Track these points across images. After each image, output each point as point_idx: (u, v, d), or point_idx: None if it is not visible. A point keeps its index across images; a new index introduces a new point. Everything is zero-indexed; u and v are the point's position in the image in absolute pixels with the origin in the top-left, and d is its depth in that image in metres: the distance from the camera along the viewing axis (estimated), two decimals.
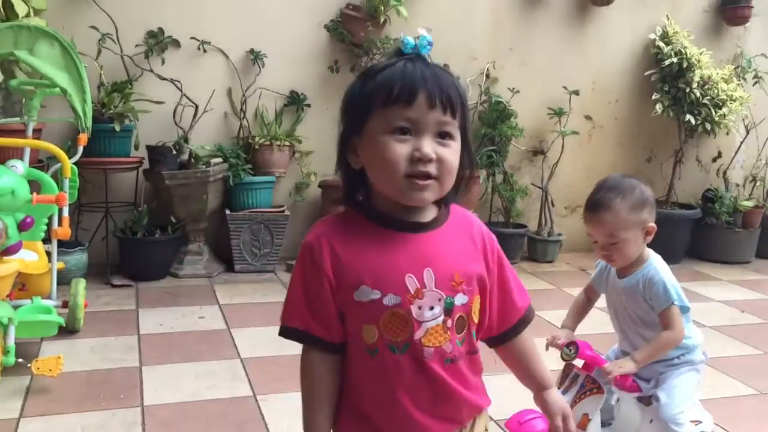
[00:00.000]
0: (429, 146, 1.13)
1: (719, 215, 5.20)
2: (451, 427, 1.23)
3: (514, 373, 1.36)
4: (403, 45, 1.18)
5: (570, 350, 2.07)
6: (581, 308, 2.23)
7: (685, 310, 2.04)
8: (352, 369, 1.20)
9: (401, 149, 1.13)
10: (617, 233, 1.98)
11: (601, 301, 2.25)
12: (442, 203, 1.24)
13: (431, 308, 1.17)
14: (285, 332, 1.22)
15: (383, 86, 1.14)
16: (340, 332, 1.19)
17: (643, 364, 2.03)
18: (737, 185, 5.48)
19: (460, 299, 1.19)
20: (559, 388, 2.14)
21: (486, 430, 1.33)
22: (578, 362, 2.11)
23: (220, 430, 2.46)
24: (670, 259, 2.10)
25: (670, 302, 2.00)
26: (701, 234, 5.25)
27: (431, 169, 1.14)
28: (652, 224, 2.02)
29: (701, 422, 2.14)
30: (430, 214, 1.22)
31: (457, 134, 1.18)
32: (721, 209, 5.20)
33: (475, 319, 1.24)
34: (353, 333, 1.18)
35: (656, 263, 2.06)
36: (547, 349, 2.12)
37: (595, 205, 2.01)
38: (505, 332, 1.31)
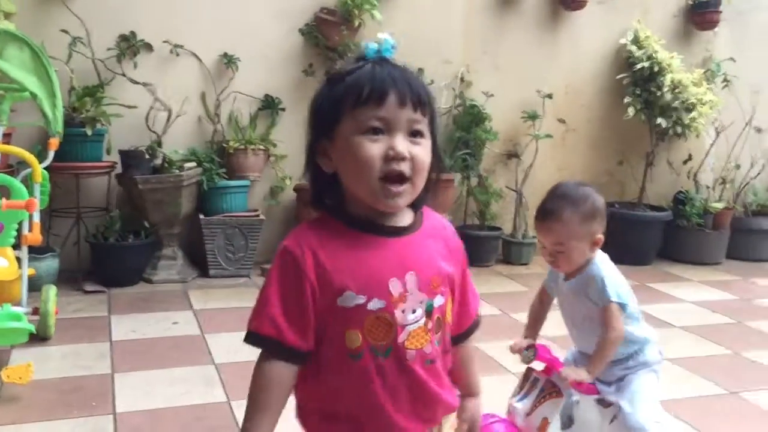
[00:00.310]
0: (402, 144, 1.15)
1: (690, 217, 5.27)
2: (426, 427, 1.25)
3: (452, 373, 1.35)
4: (366, 50, 1.20)
5: (529, 353, 2.08)
6: (537, 314, 2.24)
7: (623, 307, 2.02)
8: (329, 374, 1.19)
9: (375, 149, 1.14)
10: (566, 242, 2.00)
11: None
12: (416, 207, 1.25)
13: (414, 311, 1.18)
14: (253, 339, 1.19)
15: (353, 88, 1.15)
16: (312, 341, 1.18)
17: (597, 371, 2.04)
18: (708, 187, 5.56)
19: (438, 301, 1.22)
20: (519, 392, 2.16)
21: (452, 428, 1.35)
22: (538, 366, 2.12)
23: None
24: (641, 260, 2.12)
25: (608, 300, 2.00)
26: (672, 235, 5.31)
27: (405, 168, 1.15)
28: (601, 236, 2.03)
29: (659, 422, 2.16)
30: (407, 218, 1.24)
31: (428, 133, 1.19)
32: (691, 211, 5.27)
33: (449, 320, 1.27)
34: (334, 339, 1.17)
35: (599, 262, 2.06)
36: (512, 353, 2.13)
37: (546, 213, 2.02)
38: (458, 335, 1.34)
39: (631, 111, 5.02)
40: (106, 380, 2.88)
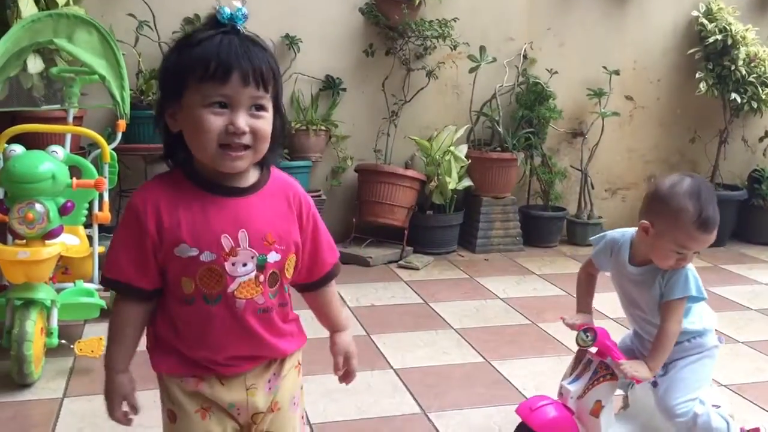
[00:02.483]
0: (242, 120, 1.24)
1: (766, 196, 5.06)
2: (255, 364, 1.38)
3: (315, 315, 1.53)
4: (219, 15, 1.26)
5: (587, 336, 2.03)
6: (587, 288, 2.19)
7: (698, 300, 1.98)
8: (170, 313, 1.34)
9: (216, 122, 1.23)
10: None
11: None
12: (263, 166, 1.36)
13: (244, 264, 1.30)
14: (105, 282, 1.34)
15: (199, 62, 1.23)
16: (158, 281, 1.32)
17: (658, 367, 1.99)
18: None
19: (272, 257, 1.32)
20: (571, 374, 2.11)
21: (297, 366, 1.47)
22: (592, 348, 2.07)
23: None
24: (714, 241, 2.03)
25: (686, 294, 1.94)
26: (747, 216, 5.11)
27: (245, 140, 1.26)
28: None
29: (720, 406, 2.08)
30: (250, 179, 1.34)
31: (270, 105, 1.29)
32: None
33: (288, 275, 1.38)
34: (172, 284, 1.31)
35: None
36: (567, 326, 2.11)
37: (712, 222, 1.92)
38: (312, 282, 1.47)
39: (703, 86, 4.83)
40: None
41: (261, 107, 1.27)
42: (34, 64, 3.50)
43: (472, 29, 4.70)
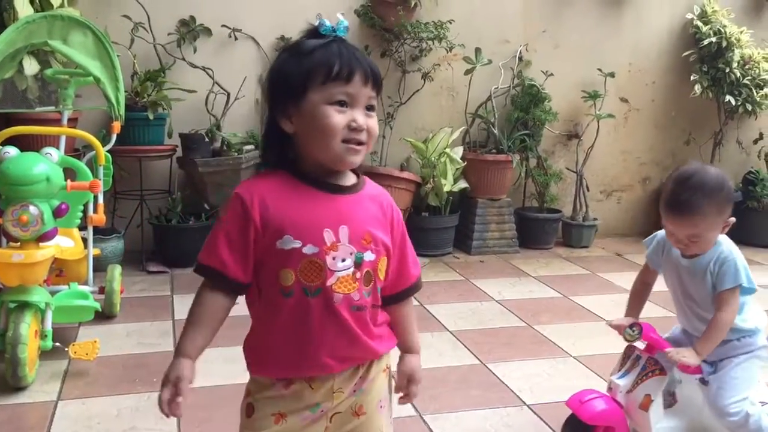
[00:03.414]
0: (362, 118, 1.33)
1: (761, 198, 5.07)
2: (343, 366, 1.39)
3: (394, 331, 1.51)
4: (321, 27, 1.35)
5: (633, 331, 2.07)
6: (640, 293, 2.22)
7: (750, 291, 2.02)
8: (266, 309, 1.37)
9: (341, 118, 1.31)
10: (702, 233, 1.96)
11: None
12: (358, 172, 1.43)
13: (343, 260, 1.34)
14: (200, 269, 1.36)
15: (322, 65, 1.31)
16: (251, 276, 1.36)
17: (706, 354, 2.01)
18: None
19: (368, 256, 1.37)
20: (619, 370, 2.15)
21: (385, 369, 1.48)
22: (639, 345, 2.11)
23: None
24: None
25: (737, 283, 1.98)
26: (742, 218, 5.05)
27: (363, 137, 1.34)
28: (732, 218, 2.00)
29: (767, 403, 2.11)
30: (350, 179, 1.40)
31: (376, 107, 1.38)
32: (763, 192, 5.07)
33: (381, 277, 1.41)
34: (269, 277, 1.34)
35: (727, 243, 2.04)
36: (613, 327, 2.13)
37: (682, 206, 1.94)
38: (396, 294, 1.49)
39: (697, 88, 4.85)
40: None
41: (372, 107, 1.36)
42: (30, 66, 3.49)
43: (467, 31, 4.70)
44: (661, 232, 2.15)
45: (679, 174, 1.99)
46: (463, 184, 4.62)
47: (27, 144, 3.42)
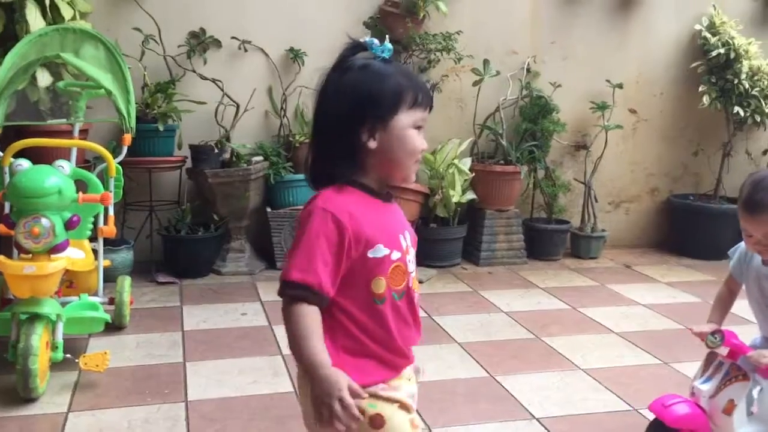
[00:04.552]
0: (424, 140, 1.47)
1: None
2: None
3: None
4: (372, 47, 1.45)
5: (715, 338, 2.07)
6: (725, 302, 2.23)
7: None
8: (357, 317, 1.41)
9: (421, 142, 1.45)
10: None
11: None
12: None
13: (411, 261, 1.48)
14: (294, 287, 1.35)
15: (412, 89, 1.42)
16: (335, 290, 1.39)
17: None
18: None
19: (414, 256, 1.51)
20: (701, 376, 2.16)
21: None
22: (722, 351, 2.12)
23: (262, 424, 2.47)
24: (718, 254, 2.08)
25: None
26: None
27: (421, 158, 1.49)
28: None
29: None
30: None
31: None
32: None
33: None
34: (359, 288, 1.40)
35: None
36: (696, 334, 2.13)
37: (757, 205, 1.99)
38: None
39: (706, 100, 4.84)
40: (178, 369, 2.95)
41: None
42: (43, 78, 3.52)
43: (475, 43, 4.72)
44: (743, 243, 2.18)
45: (754, 177, 2.06)
46: (471, 195, 4.62)
47: (39, 156, 3.43)
